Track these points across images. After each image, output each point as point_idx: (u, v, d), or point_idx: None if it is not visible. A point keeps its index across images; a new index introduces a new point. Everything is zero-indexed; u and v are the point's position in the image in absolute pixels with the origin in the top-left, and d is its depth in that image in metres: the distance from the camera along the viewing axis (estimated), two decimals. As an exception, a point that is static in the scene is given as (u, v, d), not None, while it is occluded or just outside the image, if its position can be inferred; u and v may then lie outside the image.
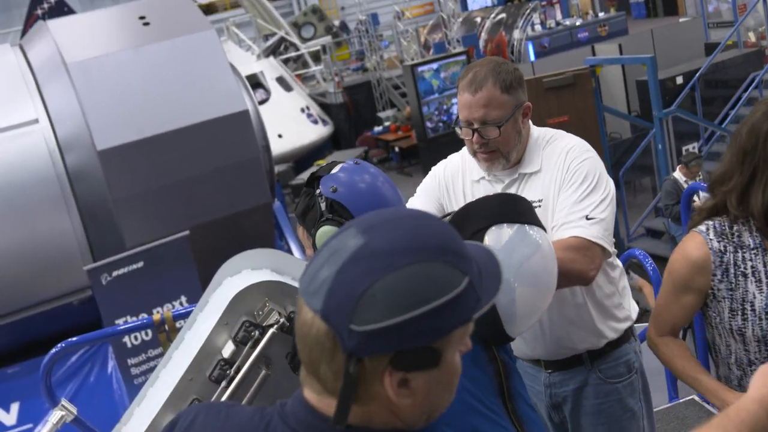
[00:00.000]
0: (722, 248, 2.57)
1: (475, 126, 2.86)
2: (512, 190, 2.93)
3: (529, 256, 2.25)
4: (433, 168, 3.23)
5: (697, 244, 2.60)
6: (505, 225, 2.24)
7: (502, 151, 2.88)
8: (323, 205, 2.42)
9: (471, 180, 3.06)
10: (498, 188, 2.97)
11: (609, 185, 2.85)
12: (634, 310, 3.11)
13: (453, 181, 3.12)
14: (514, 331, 2.24)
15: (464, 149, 3.09)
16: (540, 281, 2.28)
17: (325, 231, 2.40)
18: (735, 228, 2.57)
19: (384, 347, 1.31)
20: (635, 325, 3.17)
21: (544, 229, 2.35)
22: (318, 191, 2.45)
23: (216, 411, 1.60)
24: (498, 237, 2.22)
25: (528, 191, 2.90)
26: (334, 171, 2.47)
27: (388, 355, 1.32)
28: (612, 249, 2.79)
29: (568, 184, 2.82)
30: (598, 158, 2.90)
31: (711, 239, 2.58)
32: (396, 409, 1.38)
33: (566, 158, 2.86)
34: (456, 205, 3.01)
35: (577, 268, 2.67)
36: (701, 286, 2.61)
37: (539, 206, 2.85)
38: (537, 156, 2.93)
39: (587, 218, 2.74)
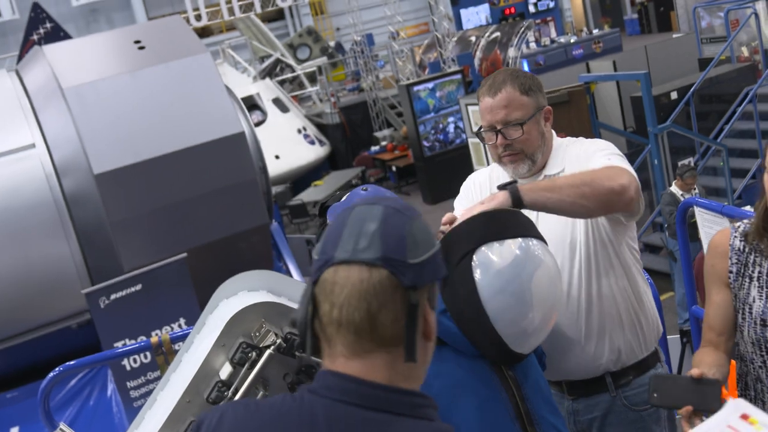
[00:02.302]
0: (741, 247, 2.68)
1: (498, 128, 2.87)
2: None
3: (530, 271, 2.22)
4: (463, 183, 3.25)
5: (722, 233, 2.77)
6: (495, 243, 2.22)
7: (527, 152, 2.89)
8: None
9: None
10: None
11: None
12: (658, 330, 3.07)
13: (481, 190, 3.12)
14: (523, 348, 2.24)
15: (493, 165, 3.10)
16: (542, 293, 2.25)
17: None
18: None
19: (428, 277, 1.62)
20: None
21: (544, 241, 2.34)
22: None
23: (244, 405, 1.73)
24: (489, 256, 2.20)
25: None
26: (342, 200, 2.51)
27: (426, 288, 1.63)
28: (637, 179, 2.70)
29: (590, 155, 2.84)
30: (615, 148, 2.92)
31: (735, 236, 2.71)
32: (426, 347, 1.67)
33: (586, 150, 2.89)
34: None
35: (609, 175, 2.62)
36: (721, 272, 2.69)
37: None
38: (560, 159, 2.96)
39: (609, 160, 2.75)
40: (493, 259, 2.19)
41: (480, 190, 3.13)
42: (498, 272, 2.18)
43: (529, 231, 2.32)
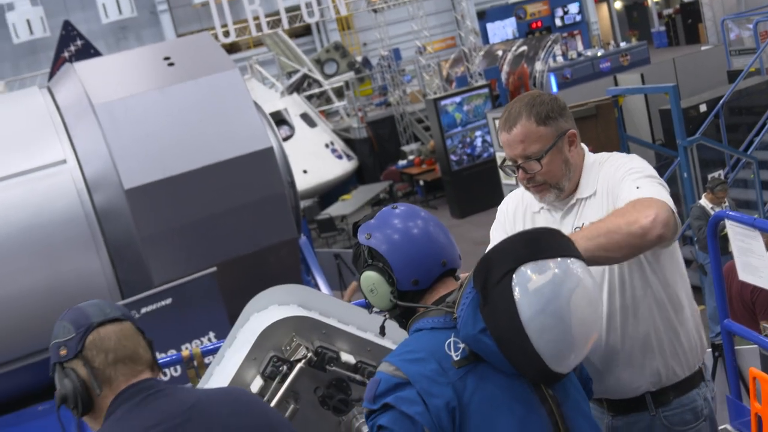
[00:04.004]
0: None
1: (519, 162, 2.85)
2: (571, 216, 2.92)
3: (570, 290, 2.19)
4: (499, 207, 3.23)
5: None
6: (535, 263, 2.19)
7: (550, 182, 2.86)
8: (366, 252, 2.48)
9: (532, 212, 3.05)
10: (557, 216, 2.96)
11: (663, 182, 2.78)
12: (702, 350, 3.00)
13: (515, 215, 3.11)
14: (562, 367, 2.21)
15: None
16: (582, 313, 2.20)
17: (366, 276, 2.46)
18: None
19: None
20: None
21: (584, 260, 2.29)
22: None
23: None
24: (529, 276, 2.17)
25: (586, 215, 2.88)
26: (372, 219, 2.53)
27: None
28: (672, 205, 2.60)
29: (620, 182, 2.77)
30: (644, 161, 2.87)
31: None
32: None
33: (616, 171, 2.84)
34: None
35: (629, 218, 2.52)
36: None
37: None
38: (593, 180, 2.90)
39: (637, 188, 2.68)
40: (533, 279, 2.16)
41: (513, 216, 3.11)
42: (538, 292, 2.14)
43: (569, 251, 2.27)
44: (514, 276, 2.17)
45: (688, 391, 2.93)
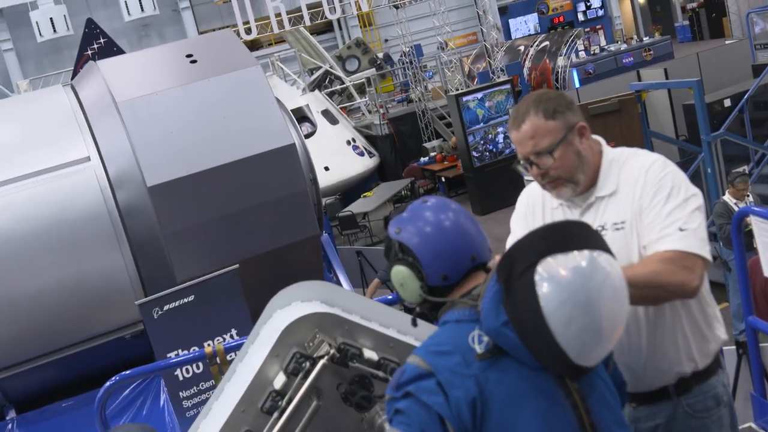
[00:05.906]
0: None
1: (531, 159, 2.84)
2: (590, 215, 2.90)
3: (595, 283, 2.17)
4: (518, 198, 3.24)
5: None
6: (560, 255, 2.18)
7: (564, 177, 2.85)
8: (396, 246, 2.49)
9: (551, 207, 3.05)
10: (575, 214, 2.94)
11: (696, 194, 2.80)
12: (722, 335, 3.00)
13: (534, 210, 3.12)
14: (586, 361, 2.20)
15: None
16: (609, 305, 2.19)
17: (396, 270, 2.48)
18: None
19: None
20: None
21: (610, 252, 2.28)
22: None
23: None
24: (554, 268, 2.16)
25: (608, 214, 2.87)
26: (404, 213, 2.54)
27: None
28: (711, 259, 2.73)
29: (655, 201, 2.77)
30: (678, 170, 2.85)
31: None
32: None
33: (646, 176, 2.82)
34: None
35: (676, 280, 2.62)
36: None
37: (621, 228, 2.82)
38: (613, 178, 2.89)
39: (680, 230, 2.69)
40: (557, 271, 2.15)
41: (533, 209, 3.11)
42: (562, 284, 2.13)
43: (595, 243, 2.26)
44: (538, 268, 2.17)
45: (709, 378, 2.94)
